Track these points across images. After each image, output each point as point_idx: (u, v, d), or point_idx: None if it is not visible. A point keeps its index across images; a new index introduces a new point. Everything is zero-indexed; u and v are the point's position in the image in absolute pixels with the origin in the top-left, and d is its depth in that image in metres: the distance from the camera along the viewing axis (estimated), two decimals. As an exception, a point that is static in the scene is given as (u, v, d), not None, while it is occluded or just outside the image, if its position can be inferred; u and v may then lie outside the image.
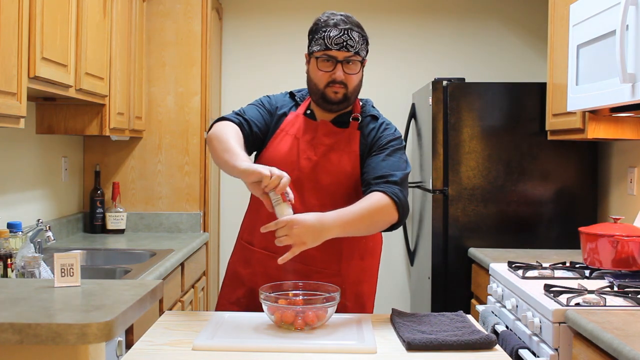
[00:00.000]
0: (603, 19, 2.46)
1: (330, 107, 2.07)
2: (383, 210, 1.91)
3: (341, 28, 2.00)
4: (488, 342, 1.64)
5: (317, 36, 2.03)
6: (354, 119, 2.11)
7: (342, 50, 2.00)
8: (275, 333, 1.72)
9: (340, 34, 1.99)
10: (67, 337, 1.36)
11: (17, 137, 3.00)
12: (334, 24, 2.01)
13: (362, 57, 2.05)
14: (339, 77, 2.01)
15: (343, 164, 2.05)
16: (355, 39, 2.01)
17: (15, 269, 2.32)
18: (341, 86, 2.02)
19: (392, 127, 2.15)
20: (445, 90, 3.56)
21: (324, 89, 2.04)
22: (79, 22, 2.71)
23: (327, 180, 2.04)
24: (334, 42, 1.99)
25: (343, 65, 2.01)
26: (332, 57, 2.01)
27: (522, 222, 3.55)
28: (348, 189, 2.05)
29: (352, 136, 2.09)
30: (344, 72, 2.02)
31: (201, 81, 3.94)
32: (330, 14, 2.05)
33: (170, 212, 3.92)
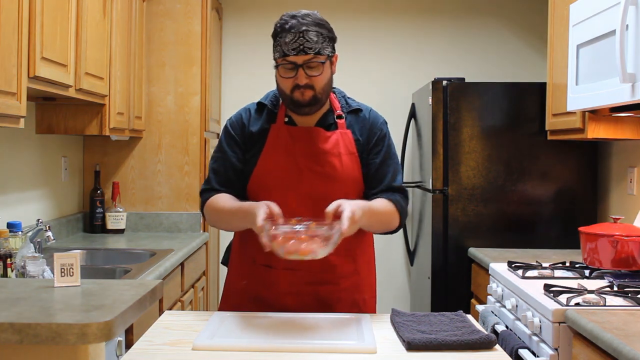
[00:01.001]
0: (603, 19, 2.46)
1: (303, 109, 2.01)
2: (391, 216, 2.02)
3: (295, 32, 1.92)
4: (488, 342, 1.64)
5: (275, 43, 1.98)
6: (338, 117, 2.07)
7: (300, 55, 1.92)
8: (275, 333, 1.72)
9: (295, 38, 1.92)
10: (67, 337, 1.36)
11: (17, 137, 3.00)
12: (289, 27, 1.93)
13: (327, 54, 1.96)
14: (301, 82, 1.95)
15: (348, 169, 2.02)
16: (312, 40, 1.92)
17: (15, 269, 2.32)
18: (307, 89, 1.96)
19: (376, 115, 2.12)
20: (445, 90, 3.56)
21: (290, 93, 1.98)
22: (79, 22, 2.71)
23: (336, 189, 1.99)
24: (290, 47, 1.92)
25: (305, 69, 1.94)
26: (291, 63, 1.94)
27: (522, 222, 3.55)
28: (355, 193, 2.03)
29: (345, 137, 2.05)
30: (307, 75, 1.95)
31: (201, 81, 3.94)
32: (288, 17, 1.96)
33: (170, 212, 3.92)
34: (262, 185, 2.02)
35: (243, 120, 2.11)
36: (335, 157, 2.02)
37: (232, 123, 2.12)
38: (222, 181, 2.08)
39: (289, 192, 1.99)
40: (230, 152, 2.08)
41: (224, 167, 2.08)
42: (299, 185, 1.99)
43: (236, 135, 2.09)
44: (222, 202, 2.02)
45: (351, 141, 2.05)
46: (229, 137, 2.10)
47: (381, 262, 4.53)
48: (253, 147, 2.06)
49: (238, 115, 2.13)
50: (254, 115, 2.11)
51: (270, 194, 1.98)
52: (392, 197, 2.03)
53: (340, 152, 2.03)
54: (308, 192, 1.99)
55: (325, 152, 2.02)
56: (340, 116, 2.07)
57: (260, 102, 2.14)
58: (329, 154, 2.02)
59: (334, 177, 2.01)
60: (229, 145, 2.09)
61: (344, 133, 2.05)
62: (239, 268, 2.15)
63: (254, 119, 2.10)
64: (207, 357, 1.55)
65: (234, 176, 2.07)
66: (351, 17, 4.49)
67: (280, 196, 1.96)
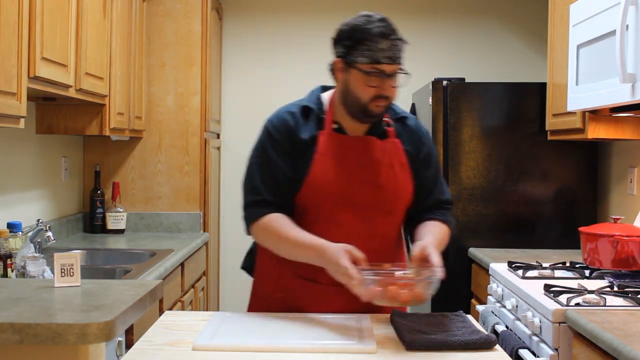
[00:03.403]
0: (603, 19, 2.46)
1: (370, 120, 1.92)
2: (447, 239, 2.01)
3: (392, 38, 1.82)
4: (488, 342, 1.64)
5: (362, 46, 1.82)
6: (388, 126, 1.99)
7: (392, 64, 1.83)
8: (275, 333, 1.72)
9: (390, 46, 1.82)
10: (67, 337, 1.36)
11: (17, 137, 3.00)
12: (381, 33, 1.81)
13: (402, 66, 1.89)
14: (387, 93, 1.86)
15: (400, 180, 1.95)
16: (401, 50, 1.85)
17: (16, 269, 2.32)
18: (386, 100, 1.88)
19: (420, 125, 2.08)
20: (445, 90, 3.56)
21: (367, 103, 1.86)
22: (79, 22, 2.71)
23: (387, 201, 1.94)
24: (385, 55, 1.81)
25: (392, 79, 1.86)
26: (380, 71, 1.83)
27: (522, 222, 3.54)
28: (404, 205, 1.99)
29: (396, 147, 1.97)
30: (392, 87, 1.87)
31: (201, 81, 3.94)
32: (377, 20, 1.84)
33: (170, 212, 3.92)
34: (313, 196, 1.91)
35: (290, 125, 1.94)
36: (388, 168, 1.94)
37: (276, 127, 1.96)
38: (273, 191, 1.92)
39: (341, 204, 1.91)
40: (279, 159, 1.92)
41: (274, 175, 1.92)
42: (352, 197, 1.91)
43: (283, 141, 1.93)
44: (284, 228, 1.87)
45: (401, 151, 1.97)
46: (275, 143, 1.94)
47: (381, 262, 4.54)
48: (303, 156, 1.91)
49: (281, 119, 1.97)
50: (301, 120, 1.95)
51: (323, 208, 1.91)
52: (445, 217, 2.02)
53: (392, 162, 1.95)
54: (361, 204, 1.91)
55: (378, 162, 1.93)
56: (389, 124, 2.00)
57: (306, 105, 1.98)
58: (381, 164, 1.93)
59: (387, 188, 1.93)
60: (276, 151, 1.93)
61: (395, 142, 1.98)
62: (273, 278, 2.03)
63: (301, 124, 1.94)
64: (207, 357, 1.55)
65: (285, 186, 1.92)
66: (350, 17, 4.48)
67: (332, 208, 1.91)
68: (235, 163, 4.53)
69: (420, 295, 1.71)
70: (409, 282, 1.72)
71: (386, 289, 1.69)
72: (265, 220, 1.90)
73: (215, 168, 4.28)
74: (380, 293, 1.70)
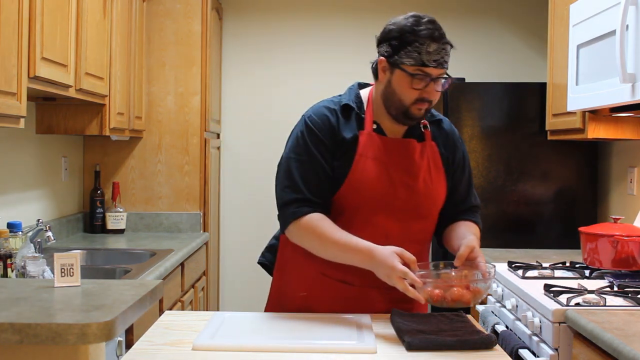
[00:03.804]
0: (603, 19, 2.46)
1: (410, 122, 1.91)
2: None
3: (441, 42, 1.81)
4: (488, 342, 1.64)
5: (409, 47, 1.80)
6: (425, 128, 1.97)
7: (438, 68, 1.81)
8: (275, 333, 1.72)
9: (439, 49, 1.80)
10: (67, 337, 1.36)
11: (17, 137, 3.00)
12: (430, 36, 1.80)
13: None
14: (431, 96, 1.84)
15: (436, 183, 1.94)
16: (448, 55, 1.83)
17: (15, 269, 2.32)
18: (428, 104, 1.86)
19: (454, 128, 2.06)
20: (445, 90, 3.56)
21: (410, 105, 1.85)
22: (79, 22, 2.71)
23: (425, 205, 1.92)
24: (432, 58, 1.79)
25: (436, 83, 1.84)
26: (426, 74, 1.81)
27: (522, 222, 3.54)
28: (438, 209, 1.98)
29: (433, 150, 1.96)
30: (436, 91, 1.85)
31: (201, 81, 3.94)
32: (426, 22, 1.83)
33: (170, 212, 3.92)
34: (352, 197, 1.88)
35: (331, 122, 1.90)
36: (426, 171, 1.92)
37: (317, 124, 1.90)
38: (315, 190, 1.87)
39: (379, 206, 1.89)
40: (320, 157, 1.88)
41: (315, 173, 1.87)
42: (392, 200, 1.88)
43: (325, 138, 1.89)
44: (329, 229, 1.83)
45: (437, 155, 1.96)
46: (316, 140, 1.89)
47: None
48: (344, 155, 1.88)
49: (322, 116, 1.92)
50: (342, 118, 1.91)
51: (361, 209, 1.89)
52: (476, 218, 2.03)
53: (429, 165, 1.94)
54: (401, 208, 1.89)
55: (417, 165, 1.92)
56: (426, 126, 1.97)
57: (346, 103, 1.95)
58: (420, 167, 1.92)
59: (424, 192, 1.91)
60: (318, 148, 1.88)
61: (432, 146, 1.96)
62: (296, 277, 1.98)
63: (343, 123, 1.91)
64: (207, 357, 1.55)
65: (326, 185, 1.88)
66: (351, 17, 4.48)
67: (373, 213, 1.89)
68: (235, 163, 4.53)
69: (481, 293, 1.72)
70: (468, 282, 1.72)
71: (449, 290, 1.69)
72: (306, 219, 1.85)
73: (215, 168, 4.28)
74: (441, 295, 1.69)
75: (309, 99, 2.20)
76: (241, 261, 4.53)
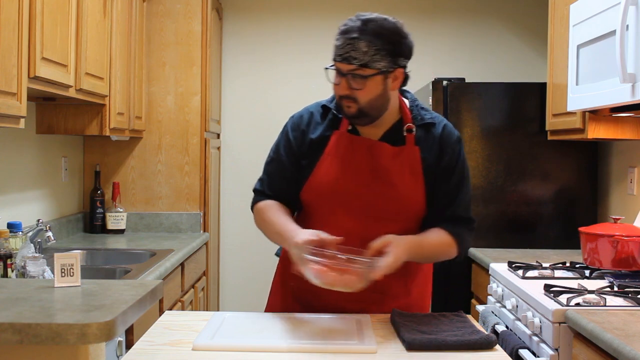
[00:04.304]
0: (603, 19, 2.46)
1: (353, 121, 1.87)
2: (446, 250, 1.93)
3: (347, 37, 1.77)
4: (488, 342, 1.64)
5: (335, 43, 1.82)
6: (408, 131, 1.90)
7: (344, 63, 1.78)
8: (275, 333, 1.72)
9: (344, 44, 1.77)
10: (67, 337, 1.36)
11: (17, 137, 3.00)
12: (344, 30, 1.78)
13: (378, 69, 1.78)
14: (340, 92, 1.82)
15: (409, 190, 1.87)
16: (361, 50, 1.75)
17: (16, 269, 2.32)
18: (350, 101, 1.81)
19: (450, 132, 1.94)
20: (445, 90, 3.56)
21: (339, 101, 1.85)
22: (79, 22, 2.71)
23: (393, 211, 1.88)
24: (338, 52, 1.79)
25: (350, 79, 1.79)
26: (337, 69, 1.81)
27: (522, 222, 3.54)
28: (414, 216, 1.92)
29: (412, 155, 1.88)
30: (350, 87, 1.80)
31: (201, 81, 3.94)
32: (354, 18, 1.81)
33: (170, 212, 3.92)
34: (314, 197, 1.91)
35: (303, 123, 1.95)
36: (397, 176, 1.87)
37: (293, 124, 1.97)
38: (274, 187, 1.97)
39: (341, 208, 1.89)
40: (285, 157, 1.95)
41: (278, 171, 1.97)
42: (353, 202, 1.87)
43: (293, 139, 1.95)
44: (271, 214, 1.91)
45: (417, 160, 1.88)
46: (286, 140, 1.96)
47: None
48: (310, 155, 1.92)
49: (298, 117, 1.98)
50: (316, 119, 1.95)
51: (320, 207, 1.91)
52: (454, 229, 1.90)
53: (403, 170, 1.87)
54: (363, 211, 1.87)
55: (387, 169, 1.87)
56: (411, 130, 1.90)
57: (325, 105, 1.97)
58: (390, 172, 1.87)
59: (392, 197, 1.87)
60: (285, 148, 1.96)
61: (411, 150, 1.89)
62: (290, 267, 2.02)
63: (315, 124, 1.94)
64: (207, 357, 1.55)
65: (286, 184, 1.95)
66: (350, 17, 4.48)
67: (331, 212, 1.90)
68: (235, 163, 4.53)
69: (349, 282, 1.68)
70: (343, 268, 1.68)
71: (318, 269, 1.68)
72: (260, 205, 1.98)
73: (215, 168, 4.28)
74: (314, 272, 1.69)
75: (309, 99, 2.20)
76: (241, 261, 4.53)
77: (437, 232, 1.91)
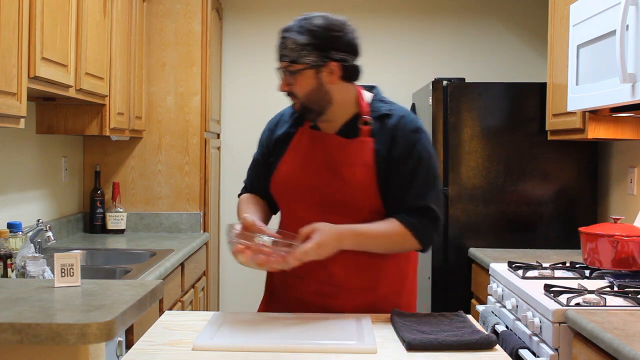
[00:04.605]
0: (603, 19, 2.46)
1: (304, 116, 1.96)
2: (399, 240, 1.90)
3: (280, 36, 1.89)
4: (488, 342, 1.64)
5: None
6: (364, 124, 1.92)
7: (280, 61, 1.90)
8: (275, 333, 1.72)
9: (279, 43, 1.89)
10: (67, 337, 1.36)
11: (17, 137, 3.00)
12: (281, 30, 1.90)
13: (307, 63, 1.85)
14: (281, 88, 1.92)
15: (360, 181, 1.88)
16: (289, 47, 1.85)
17: (16, 269, 2.32)
18: (292, 97, 1.92)
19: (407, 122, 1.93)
20: (445, 90, 3.56)
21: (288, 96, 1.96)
22: (79, 22, 2.71)
23: (349, 201, 1.89)
24: (277, 50, 1.91)
25: (286, 76, 1.90)
26: (279, 68, 1.92)
27: (522, 222, 3.54)
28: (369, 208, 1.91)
29: (363, 146, 1.90)
30: (287, 84, 1.90)
31: (201, 81, 3.94)
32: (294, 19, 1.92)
33: (170, 212, 3.92)
34: (278, 191, 2.00)
35: (274, 123, 2.09)
36: (347, 168, 1.89)
37: (268, 124, 2.12)
38: (251, 183, 2.13)
39: (300, 201, 1.94)
40: (260, 156, 2.10)
41: (255, 170, 2.12)
42: (309, 195, 1.92)
43: (266, 138, 2.09)
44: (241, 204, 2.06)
45: (370, 151, 1.89)
46: (261, 140, 2.12)
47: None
48: (276, 152, 2.01)
49: (273, 118, 2.12)
50: (286, 117, 2.06)
51: (284, 201, 1.99)
52: (408, 218, 1.87)
53: (353, 162, 1.89)
54: (320, 201, 1.91)
55: (338, 161, 1.91)
56: (367, 122, 1.92)
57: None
58: (341, 164, 1.90)
59: (342, 189, 1.89)
60: (260, 146, 2.11)
61: (363, 142, 1.91)
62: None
63: (283, 122, 2.05)
64: (207, 357, 1.55)
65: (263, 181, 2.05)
66: (351, 17, 4.46)
67: (292, 205, 1.95)
68: (235, 163, 4.53)
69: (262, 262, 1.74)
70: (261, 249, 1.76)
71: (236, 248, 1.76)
72: (240, 199, 2.12)
73: (215, 168, 4.28)
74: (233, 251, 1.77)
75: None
76: (241, 261, 4.52)
77: (387, 222, 1.89)
